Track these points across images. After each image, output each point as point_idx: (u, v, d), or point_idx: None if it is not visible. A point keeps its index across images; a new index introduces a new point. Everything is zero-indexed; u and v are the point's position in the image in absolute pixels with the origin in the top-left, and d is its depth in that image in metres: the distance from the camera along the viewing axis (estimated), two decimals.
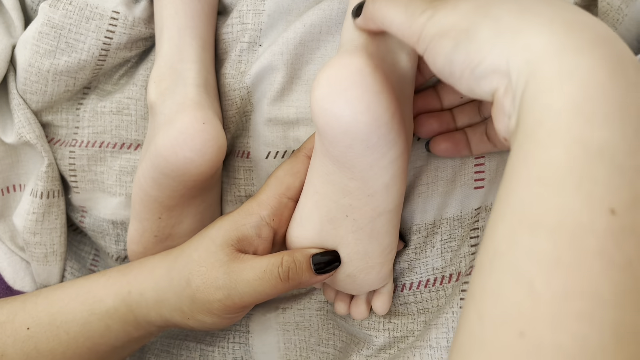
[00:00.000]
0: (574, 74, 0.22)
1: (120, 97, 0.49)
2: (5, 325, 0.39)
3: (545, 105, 0.22)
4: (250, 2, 0.44)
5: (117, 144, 0.49)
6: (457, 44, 0.26)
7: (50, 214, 0.49)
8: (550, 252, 0.20)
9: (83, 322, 0.39)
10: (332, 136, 0.32)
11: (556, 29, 0.23)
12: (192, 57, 0.43)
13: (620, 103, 0.21)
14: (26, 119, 0.48)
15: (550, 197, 0.21)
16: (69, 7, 0.46)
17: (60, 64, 0.47)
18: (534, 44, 0.23)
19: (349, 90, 0.30)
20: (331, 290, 0.43)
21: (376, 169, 0.33)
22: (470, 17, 0.26)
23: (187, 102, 0.40)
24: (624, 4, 0.30)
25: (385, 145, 0.32)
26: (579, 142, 0.21)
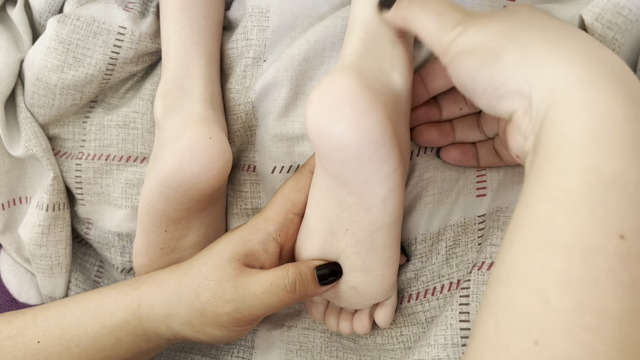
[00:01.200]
0: (592, 106, 0.23)
1: (126, 111, 0.49)
2: (16, 339, 0.39)
3: (564, 133, 0.24)
4: (254, 19, 0.45)
5: (123, 157, 0.49)
6: (482, 63, 0.28)
7: (56, 227, 0.49)
8: (564, 269, 0.22)
9: (94, 335, 0.39)
10: (325, 153, 0.33)
11: (577, 62, 0.25)
12: (198, 72, 0.43)
13: (632, 135, 0.23)
14: (33, 133, 0.48)
15: (565, 218, 0.22)
16: (77, 23, 0.47)
17: (68, 78, 0.47)
18: (557, 74, 0.25)
19: (339, 108, 0.31)
20: (317, 309, 0.43)
21: (372, 184, 0.34)
22: (498, 39, 0.28)
23: (194, 117, 0.40)
24: (618, 34, 0.31)
25: (378, 160, 0.33)
26: (593, 170, 0.23)
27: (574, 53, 0.25)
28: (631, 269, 0.21)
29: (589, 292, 0.21)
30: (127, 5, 0.49)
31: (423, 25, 0.31)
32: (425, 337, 0.38)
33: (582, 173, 0.23)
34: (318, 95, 0.32)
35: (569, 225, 0.22)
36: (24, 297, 0.52)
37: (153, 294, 0.40)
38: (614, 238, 0.22)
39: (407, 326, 0.41)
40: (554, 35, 0.27)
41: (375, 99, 0.32)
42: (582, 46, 0.26)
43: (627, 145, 0.23)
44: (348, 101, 0.31)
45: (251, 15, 0.45)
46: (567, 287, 0.21)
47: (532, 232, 0.24)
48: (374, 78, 0.34)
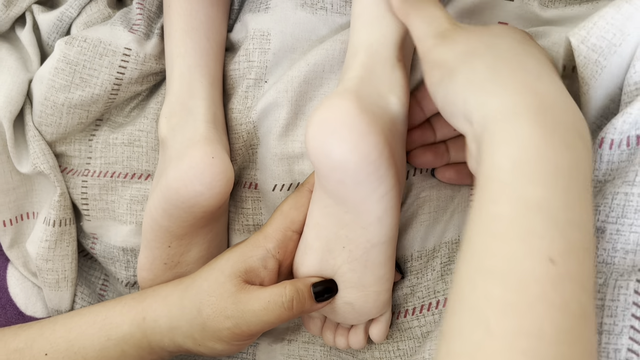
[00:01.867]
0: (517, 137, 0.25)
1: (131, 130, 0.50)
2: (24, 351, 0.40)
3: (494, 163, 0.25)
4: (256, 41, 0.46)
5: (128, 174, 0.50)
6: (441, 80, 0.30)
7: (62, 242, 0.50)
8: (502, 296, 0.23)
9: (100, 347, 0.40)
10: (324, 172, 0.34)
11: (510, 93, 0.27)
12: (201, 93, 0.44)
13: (554, 163, 0.25)
14: (41, 150, 0.49)
15: (499, 246, 0.24)
16: (84, 44, 0.48)
17: (75, 98, 0.48)
18: (490, 103, 0.27)
19: (338, 130, 0.32)
20: (315, 324, 0.44)
21: (368, 203, 0.35)
22: (458, 59, 0.29)
23: (197, 137, 0.41)
24: (601, 57, 0.32)
25: (375, 181, 0.34)
26: (521, 199, 0.24)
27: (508, 84, 0.27)
28: (563, 292, 0.23)
29: (525, 317, 0.22)
30: (132, 27, 0.50)
31: (417, 26, 0.33)
32: (420, 350, 0.39)
33: (510, 202, 0.24)
34: (318, 117, 0.33)
35: (503, 253, 0.24)
36: (30, 310, 0.52)
37: (157, 307, 0.41)
38: (544, 263, 0.23)
39: (404, 340, 0.42)
40: (502, 64, 0.28)
41: (372, 122, 0.33)
42: (519, 76, 0.27)
43: (549, 172, 0.25)
44: (347, 124, 0.32)
45: (253, 37, 0.46)
46: (505, 313, 0.23)
47: (473, 262, 0.25)
48: (372, 102, 0.35)
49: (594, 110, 0.34)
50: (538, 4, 0.40)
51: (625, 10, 0.31)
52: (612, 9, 0.31)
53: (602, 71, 0.32)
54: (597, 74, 0.32)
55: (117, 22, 0.50)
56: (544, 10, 0.40)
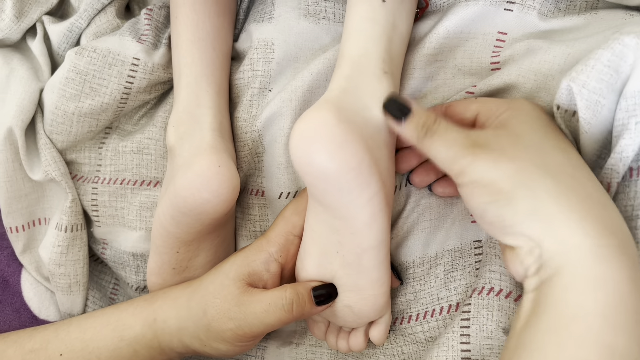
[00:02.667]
0: (604, 282, 0.26)
1: (140, 138, 0.51)
2: (39, 352, 0.41)
3: (580, 304, 0.26)
4: (260, 51, 0.46)
5: (138, 181, 0.51)
6: (494, 201, 0.29)
7: (74, 247, 0.51)
8: None
9: (113, 347, 0.41)
10: (309, 181, 0.35)
11: (589, 230, 0.27)
12: (208, 102, 0.45)
13: (636, 311, 0.26)
14: (52, 158, 0.50)
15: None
16: (93, 55, 0.49)
17: (85, 106, 0.49)
18: (569, 238, 0.27)
19: (316, 141, 0.34)
20: (319, 328, 0.45)
21: (354, 209, 0.36)
22: (510, 180, 0.29)
23: (204, 145, 0.42)
24: (601, 97, 0.33)
25: (357, 187, 0.35)
26: (607, 348, 0.25)
27: (585, 218, 0.27)
28: None
29: None
30: (140, 38, 0.51)
31: (439, 154, 0.33)
32: (427, 356, 0.39)
33: (597, 349, 0.25)
34: (299, 129, 0.34)
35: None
36: (44, 314, 0.53)
37: (167, 309, 0.42)
38: None
39: (408, 345, 0.43)
40: (565, 189, 0.28)
41: (351, 132, 0.34)
42: (592, 208, 0.28)
43: (632, 320, 0.26)
44: (325, 134, 0.34)
45: (257, 47, 0.46)
46: None
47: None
48: (354, 112, 0.36)
49: (595, 144, 0.34)
50: (537, 14, 0.40)
51: (618, 51, 0.32)
52: (607, 51, 0.32)
53: (602, 109, 0.33)
54: (598, 113, 0.33)
55: (125, 32, 0.51)
56: (543, 20, 0.40)
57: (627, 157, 0.32)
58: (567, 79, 0.33)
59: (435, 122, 0.33)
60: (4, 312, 0.53)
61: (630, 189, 0.33)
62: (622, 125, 0.32)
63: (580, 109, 0.33)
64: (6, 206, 0.51)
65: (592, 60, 0.33)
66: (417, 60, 0.42)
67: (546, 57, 0.38)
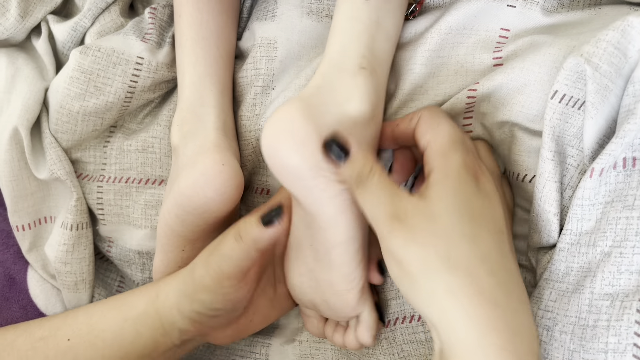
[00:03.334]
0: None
1: (145, 136, 0.50)
2: (47, 339, 0.40)
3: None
4: (263, 49, 0.46)
5: (142, 180, 0.51)
6: (401, 278, 0.31)
7: (80, 245, 0.51)
8: None
9: (116, 328, 0.40)
10: (276, 174, 0.36)
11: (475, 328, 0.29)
12: (211, 101, 0.44)
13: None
14: (57, 157, 0.50)
15: None
16: (98, 54, 0.49)
17: (89, 105, 0.48)
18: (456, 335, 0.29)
19: (280, 137, 0.34)
20: (311, 323, 0.44)
21: (320, 204, 0.36)
22: (415, 266, 0.30)
23: (208, 144, 0.42)
24: (610, 81, 0.32)
25: (321, 184, 0.35)
26: None
27: (472, 317, 0.29)
28: None
29: None
30: (144, 37, 0.50)
31: (368, 208, 0.33)
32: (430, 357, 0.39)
33: None
34: (269, 123, 0.35)
35: None
36: (51, 311, 0.53)
37: (169, 282, 0.41)
38: None
39: (407, 343, 0.42)
40: (460, 286, 0.29)
41: (315, 129, 0.34)
42: (484, 307, 0.29)
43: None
44: (289, 131, 0.34)
45: (260, 46, 0.46)
46: None
47: None
48: (325, 110, 0.36)
49: (599, 131, 0.34)
50: (540, 9, 0.40)
51: (628, 34, 0.31)
52: (617, 32, 0.31)
53: (610, 94, 0.32)
54: (606, 98, 0.32)
55: (129, 31, 0.50)
56: (547, 15, 0.40)
57: (627, 143, 0.31)
58: (579, 60, 0.32)
59: (370, 172, 0.33)
60: (11, 309, 0.53)
61: (632, 178, 0.32)
62: (628, 111, 0.32)
63: (589, 92, 0.32)
64: (12, 205, 0.51)
65: (603, 42, 0.32)
66: (418, 56, 0.42)
67: (551, 50, 0.37)
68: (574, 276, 0.34)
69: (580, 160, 0.35)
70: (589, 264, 0.33)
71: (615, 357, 0.30)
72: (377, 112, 0.39)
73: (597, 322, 0.32)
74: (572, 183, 0.35)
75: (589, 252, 0.34)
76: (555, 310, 0.34)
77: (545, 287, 0.35)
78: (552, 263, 0.35)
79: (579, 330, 0.33)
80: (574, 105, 0.34)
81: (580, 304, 0.33)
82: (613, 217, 0.32)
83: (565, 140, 0.35)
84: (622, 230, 0.32)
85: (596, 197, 0.33)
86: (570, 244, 0.34)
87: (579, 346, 0.32)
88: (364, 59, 0.38)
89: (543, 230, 0.35)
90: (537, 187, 0.35)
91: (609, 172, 0.33)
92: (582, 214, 0.34)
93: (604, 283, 0.32)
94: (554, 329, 0.34)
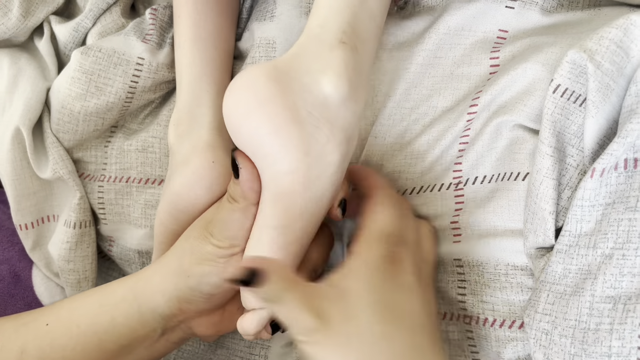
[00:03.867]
0: None
1: (145, 136, 0.50)
2: (29, 324, 0.39)
3: None
4: (262, 49, 0.46)
5: (143, 180, 0.50)
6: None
7: (83, 243, 0.51)
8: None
9: (92, 314, 0.39)
10: (232, 134, 0.34)
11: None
12: (208, 102, 0.44)
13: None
14: (59, 156, 0.50)
15: None
16: (99, 54, 0.49)
17: (90, 106, 0.48)
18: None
19: (239, 95, 0.33)
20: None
21: (262, 179, 0.34)
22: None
23: (201, 144, 0.41)
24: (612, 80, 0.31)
25: (268, 157, 0.33)
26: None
27: None
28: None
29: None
30: (145, 37, 0.50)
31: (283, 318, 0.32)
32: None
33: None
34: (233, 82, 0.34)
35: None
36: None
37: (151, 267, 0.40)
38: None
39: None
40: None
41: (280, 92, 0.32)
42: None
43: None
44: (253, 89, 0.32)
45: (259, 46, 0.46)
46: None
47: None
48: (295, 76, 0.34)
49: (599, 131, 0.33)
50: (539, 9, 0.39)
51: (631, 33, 0.30)
52: (620, 31, 0.30)
53: (611, 94, 0.31)
54: (607, 97, 0.31)
55: (130, 32, 0.50)
56: (546, 15, 0.39)
57: (630, 143, 0.30)
58: (581, 55, 0.32)
59: (281, 291, 0.31)
60: (17, 306, 0.53)
61: (634, 179, 0.32)
62: (631, 110, 0.31)
63: (590, 90, 0.31)
64: (15, 204, 0.51)
65: (605, 40, 0.31)
66: (414, 55, 0.41)
67: (553, 49, 0.36)
68: (572, 278, 0.33)
69: (580, 161, 0.34)
70: (588, 266, 0.33)
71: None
72: (357, 95, 0.36)
73: (600, 325, 0.31)
74: (572, 183, 0.34)
75: (588, 254, 0.33)
76: (554, 313, 0.33)
77: (542, 289, 0.34)
78: (549, 265, 0.34)
79: (579, 333, 0.32)
80: (575, 101, 0.33)
81: (580, 307, 0.32)
82: (615, 219, 0.32)
83: (566, 139, 0.34)
84: (624, 232, 0.31)
85: (596, 198, 0.33)
86: (568, 245, 0.33)
87: (580, 350, 0.31)
88: (344, 34, 0.35)
89: (538, 230, 0.34)
90: (534, 184, 0.34)
91: (610, 173, 0.32)
92: (581, 215, 0.33)
93: (606, 285, 0.31)
94: (553, 332, 0.33)
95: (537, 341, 0.33)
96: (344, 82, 0.34)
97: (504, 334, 0.36)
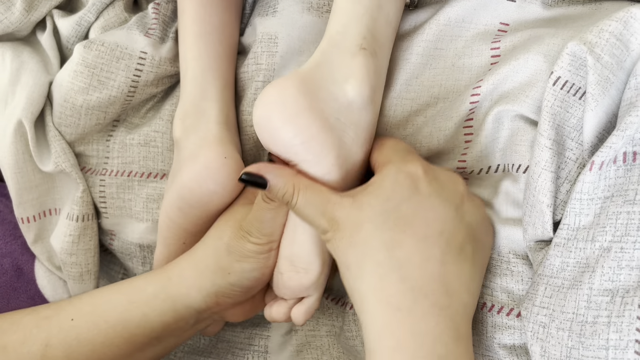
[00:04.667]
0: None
1: (147, 130, 0.50)
2: (51, 318, 0.40)
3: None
4: (264, 45, 0.45)
5: (144, 174, 0.50)
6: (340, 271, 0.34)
7: (85, 236, 0.50)
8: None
9: (121, 310, 0.39)
10: (266, 146, 0.36)
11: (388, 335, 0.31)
12: (214, 96, 0.44)
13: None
14: (62, 149, 0.49)
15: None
16: (101, 48, 0.48)
17: (93, 99, 0.48)
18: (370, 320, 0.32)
19: (271, 108, 0.34)
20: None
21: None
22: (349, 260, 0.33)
23: (210, 137, 0.41)
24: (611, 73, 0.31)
25: (304, 163, 0.34)
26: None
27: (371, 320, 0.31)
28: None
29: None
30: (147, 32, 0.50)
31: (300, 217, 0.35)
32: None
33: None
34: (262, 94, 0.35)
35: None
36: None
37: (181, 263, 0.41)
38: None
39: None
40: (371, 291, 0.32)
41: (309, 103, 0.34)
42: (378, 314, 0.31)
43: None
44: (282, 101, 0.34)
45: (261, 41, 0.45)
46: None
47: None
48: (321, 86, 0.35)
49: (599, 125, 0.33)
50: (540, 3, 0.39)
51: (630, 26, 0.30)
52: (620, 24, 0.30)
53: (611, 87, 0.31)
54: (607, 91, 0.31)
55: (133, 26, 0.50)
56: (547, 9, 0.39)
57: (629, 136, 0.30)
58: (581, 47, 0.31)
59: (294, 192, 0.34)
60: (19, 299, 0.53)
61: (633, 173, 0.31)
62: (630, 104, 0.30)
63: (590, 83, 0.31)
64: (17, 197, 0.51)
65: (605, 33, 0.31)
66: (414, 46, 0.41)
67: (554, 40, 0.36)
68: (569, 272, 0.33)
69: (580, 154, 0.34)
70: (586, 260, 0.33)
71: (617, 354, 0.30)
72: (376, 97, 0.38)
73: (597, 318, 0.31)
74: (571, 177, 0.34)
75: (586, 248, 0.33)
76: (551, 306, 0.33)
77: (539, 282, 0.34)
78: (547, 258, 0.34)
79: (577, 326, 0.32)
80: (575, 94, 0.33)
81: (577, 300, 0.32)
82: (613, 212, 0.31)
83: (565, 132, 0.34)
84: (622, 225, 0.31)
85: (595, 191, 0.32)
86: (566, 239, 0.33)
87: (577, 343, 0.31)
88: (364, 40, 0.36)
89: (537, 222, 0.34)
90: (532, 176, 0.34)
91: (609, 166, 0.32)
92: (580, 208, 0.33)
93: (604, 279, 0.31)
94: (550, 325, 0.33)
95: (534, 334, 0.33)
96: (365, 87, 0.36)
97: (501, 320, 0.36)
